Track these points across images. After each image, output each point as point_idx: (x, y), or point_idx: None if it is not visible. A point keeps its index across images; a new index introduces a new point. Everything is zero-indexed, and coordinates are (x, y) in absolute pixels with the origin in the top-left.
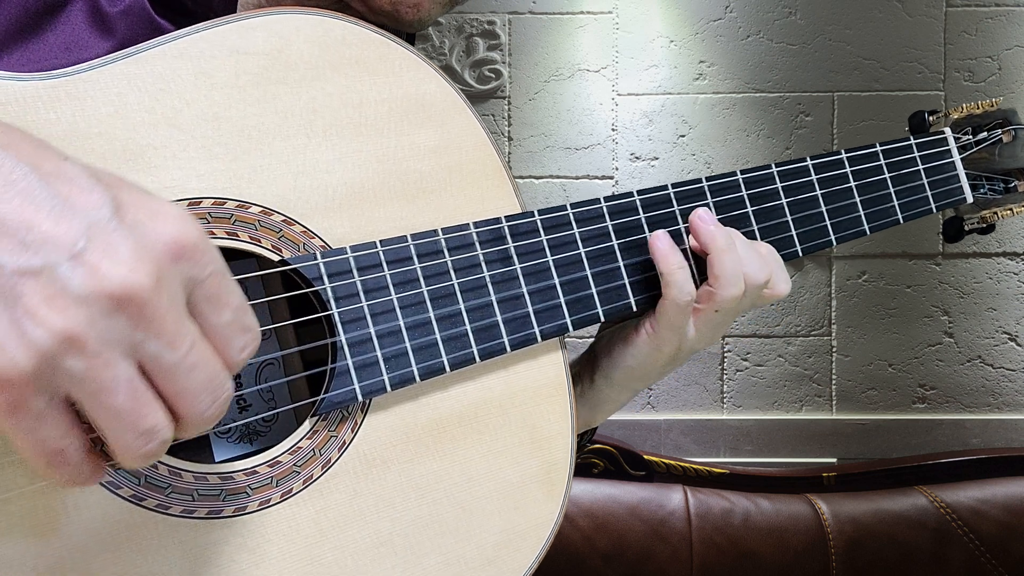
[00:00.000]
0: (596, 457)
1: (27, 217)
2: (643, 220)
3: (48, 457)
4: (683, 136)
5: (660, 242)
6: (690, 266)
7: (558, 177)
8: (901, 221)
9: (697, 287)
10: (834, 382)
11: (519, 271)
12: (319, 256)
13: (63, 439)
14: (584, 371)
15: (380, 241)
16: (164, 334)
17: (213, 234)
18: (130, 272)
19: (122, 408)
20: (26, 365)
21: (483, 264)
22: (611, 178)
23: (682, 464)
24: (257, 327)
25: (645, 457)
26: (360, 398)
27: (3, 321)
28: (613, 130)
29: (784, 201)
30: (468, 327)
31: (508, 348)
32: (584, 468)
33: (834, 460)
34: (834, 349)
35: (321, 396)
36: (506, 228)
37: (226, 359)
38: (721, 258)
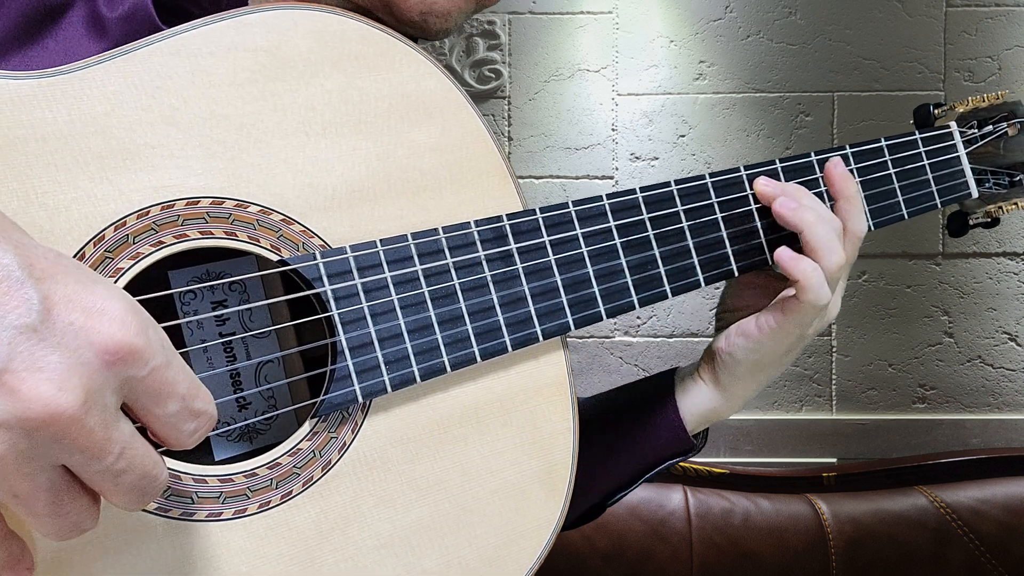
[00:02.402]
0: None
1: None
2: (646, 218)
3: None
4: (683, 136)
5: (784, 253)
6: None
7: (558, 177)
8: (906, 217)
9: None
10: (834, 382)
11: (520, 270)
12: (319, 256)
13: None
14: (704, 367)
15: (380, 240)
16: (90, 448)
17: (211, 234)
18: (57, 392)
19: (41, 513)
20: None
21: (484, 263)
22: (611, 178)
23: (682, 464)
24: (211, 407)
25: None
26: (360, 399)
27: None
28: (613, 130)
29: None
30: (469, 327)
31: (510, 348)
32: None
33: (834, 460)
34: (834, 349)
35: (321, 398)
36: (507, 226)
37: (174, 443)
38: (812, 232)
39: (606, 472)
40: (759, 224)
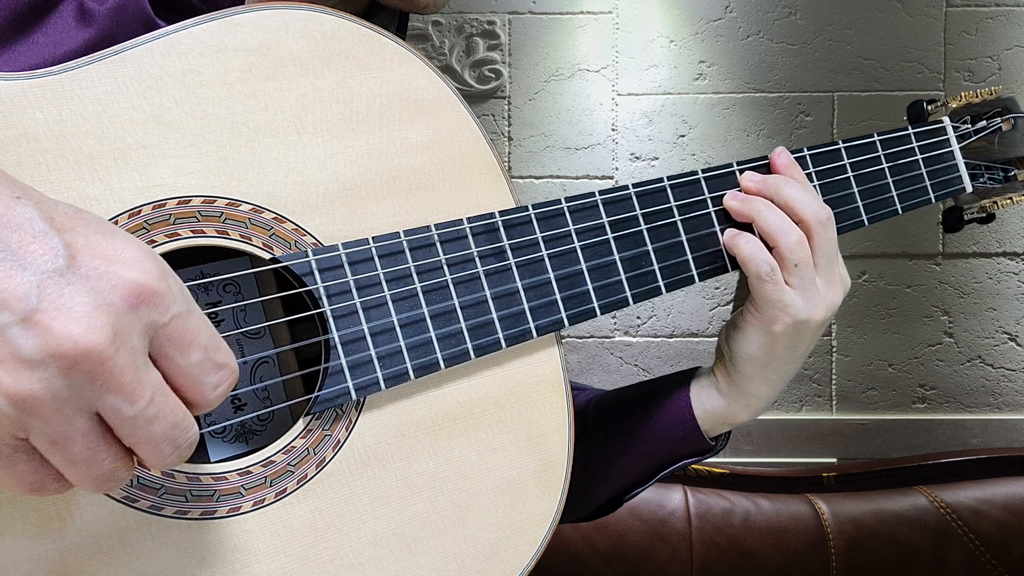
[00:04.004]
0: None
1: None
2: (639, 214)
3: (28, 488)
4: (683, 136)
5: (726, 234)
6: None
7: (558, 177)
8: (900, 211)
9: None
10: (834, 382)
11: (513, 265)
12: (310, 253)
13: (36, 474)
14: (717, 365)
15: (372, 237)
16: (121, 389)
17: (203, 232)
18: (86, 330)
19: (78, 457)
20: None
21: (477, 259)
22: (611, 178)
23: None
24: (233, 361)
25: None
26: (354, 396)
27: None
28: (613, 130)
29: None
30: (462, 323)
31: (503, 344)
32: None
33: (834, 460)
34: (834, 349)
35: (315, 394)
36: (500, 222)
37: (198, 399)
38: (761, 217)
39: (621, 466)
40: None
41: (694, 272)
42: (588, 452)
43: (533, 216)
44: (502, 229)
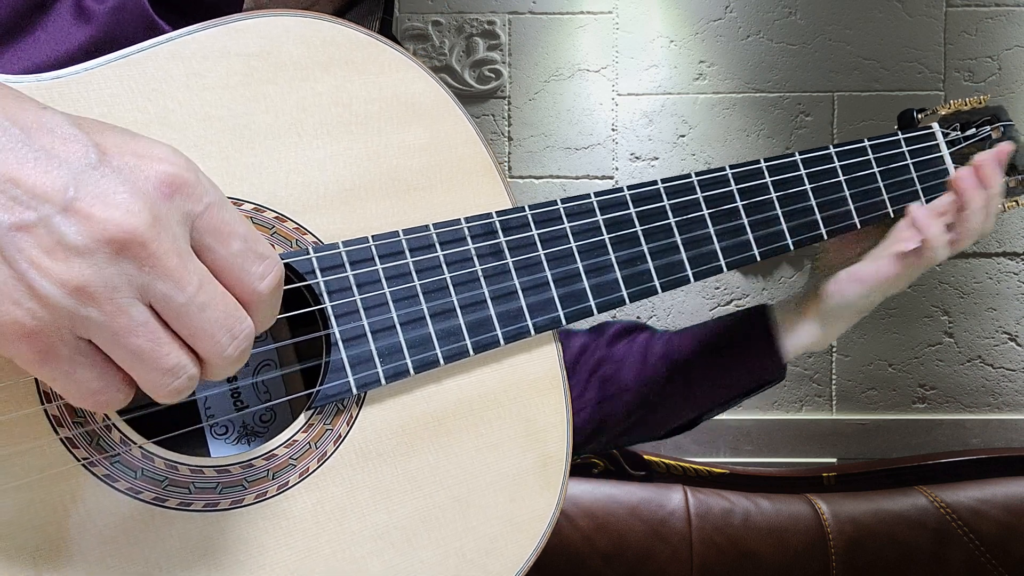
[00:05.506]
0: (596, 457)
1: (12, 173)
2: (633, 215)
3: (91, 397)
4: (683, 136)
5: (920, 211)
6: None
7: (558, 177)
8: (891, 215)
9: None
10: (834, 382)
11: (511, 265)
12: (311, 251)
13: (100, 379)
14: (810, 306)
15: (372, 236)
16: (170, 274)
17: None
18: (125, 214)
19: (143, 349)
20: (42, 316)
21: (475, 258)
22: (611, 178)
23: (682, 464)
24: (273, 253)
25: (645, 457)
26: (355, 391)
27: (8, 277)
28: (613, 130)
29: (774, 196)
30: (461, 320)
31: (502, 341)
32: (584, 468)
33: (834, 460)
34: (834, 349)
35: (316, 389)
36: (497, 223)
37: (247, 291)
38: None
39: (703, 398)
40: (746, 221)
41: (689, 272)
42: (675, 377)
43: (530, 217)
44: (499, 229)
